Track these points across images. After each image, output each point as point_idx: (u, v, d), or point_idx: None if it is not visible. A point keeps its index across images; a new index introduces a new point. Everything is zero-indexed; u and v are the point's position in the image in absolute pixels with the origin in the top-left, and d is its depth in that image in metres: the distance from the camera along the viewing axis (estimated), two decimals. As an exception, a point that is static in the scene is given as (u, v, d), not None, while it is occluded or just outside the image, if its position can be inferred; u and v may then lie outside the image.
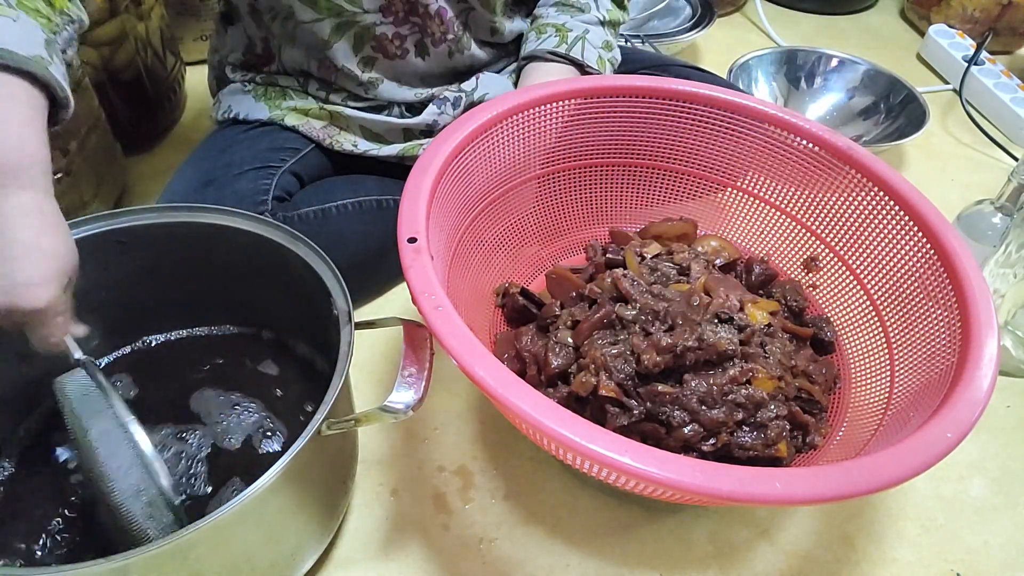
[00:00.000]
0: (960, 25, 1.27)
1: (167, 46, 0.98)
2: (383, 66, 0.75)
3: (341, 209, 0.73)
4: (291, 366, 0.63)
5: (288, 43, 0.75)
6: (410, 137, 0.80)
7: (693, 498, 0.47)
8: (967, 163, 1.06)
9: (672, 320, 0.55)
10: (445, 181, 0.59)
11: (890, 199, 0.63)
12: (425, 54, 0.76)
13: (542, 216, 0.74)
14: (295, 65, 0.76)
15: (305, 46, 0.74)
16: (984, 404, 0.46)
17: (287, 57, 0.76)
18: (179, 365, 0.62)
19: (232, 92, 0.79)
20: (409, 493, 0.62)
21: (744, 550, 0.60)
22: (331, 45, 0.71)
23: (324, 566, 0.57)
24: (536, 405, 0.42)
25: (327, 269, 0.54)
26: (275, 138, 0.75)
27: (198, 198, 0.69)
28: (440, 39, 0.75)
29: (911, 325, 0.59)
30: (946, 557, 0.60)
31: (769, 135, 0.69)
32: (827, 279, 0.70)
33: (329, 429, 0.45)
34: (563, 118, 0.69)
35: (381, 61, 0.75)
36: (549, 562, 0.58)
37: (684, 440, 0.53)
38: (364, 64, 0.74)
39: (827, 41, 1.33)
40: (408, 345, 0.48)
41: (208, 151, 0.74)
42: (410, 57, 0.75)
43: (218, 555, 0.44)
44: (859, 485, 0.41)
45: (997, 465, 0.67)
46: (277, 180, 0.72)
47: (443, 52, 0.76)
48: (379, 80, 0.75)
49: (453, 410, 0.69)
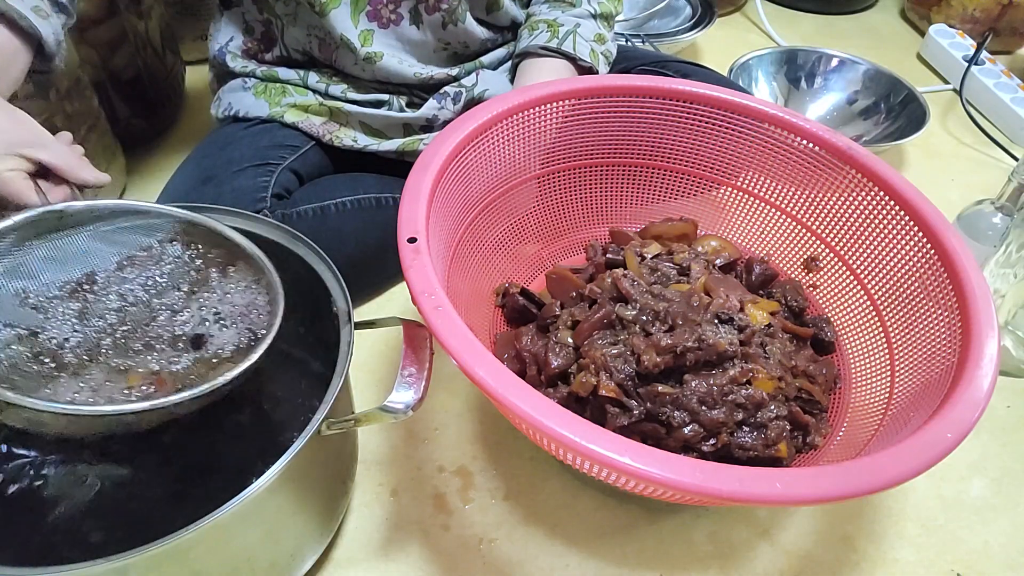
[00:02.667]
0: (960, 25, 1.27)
1: (167, 46, 0.98)
2: (380, 38, 0.76)
3: (340, 207, 0.73)
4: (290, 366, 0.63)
5: (291, 22, 0.75)
6: (410, 132, 0.80)
7: (693, 498, 0.47)
8: (967, 163, 1.06)
9: (672, 320, 0.55)
10: (445, 181, 0.59)
11: (890, 199, 0.63)
12: (419, 22, 0.76)
13: (542, 216, 0.74)
14: (297, 46, 0.77)
15: (306, 24, 0.75)
16: (984, 404, 0.46)
17: (289, 39, 0.76)
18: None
19: (232, 90, 0.79)
20: (409, 493, 0.62)
21: (744, 550, 0.60)
22: (328, 11, 0.72)
23: (324, 566, 0.57)
24: (536, 405, 0.42)
25: (327, 269, 0.54)
26: (275, 135, 0.75)
27: (197, 195, 0.69)
28: (434, 6, 0.75)
29: (911, 325, 0.59)
30: (946, 557, 0.60)
31: (769, 135, 0.69)
32: (827, 279, 0.70)
33: (329, 429, 0.45)
34: (563, 118, 0.69)
35: (377, 33, 0.75)
36: (549, 562, 0.58)
37: (684, 440, 0.53)
38: (363, 38, 0.74)
39: (827, 41, 1.33)
40: (408, 345, 0.48)
41: (209, 148, 0.75)
42: (404, 24, 0.76)
43: (218, 555, 0.44)
44: (859, 485, 0.41)
45: (997, 465, 0.67)
46: (276, 177, 0.72)
47: (437, 21, 0.76)
48: (378, 55, 0.75)
49: (453, 410, 0.69)
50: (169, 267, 0.53)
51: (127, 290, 0.52)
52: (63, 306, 0.50)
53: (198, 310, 0.52)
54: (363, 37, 0.74)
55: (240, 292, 0.53)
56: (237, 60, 0.79)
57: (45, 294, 0.49)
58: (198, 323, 0.52)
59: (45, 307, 0.49)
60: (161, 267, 0.53)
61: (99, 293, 0.51)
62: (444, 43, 0.79)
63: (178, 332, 0.51)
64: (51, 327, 0.48)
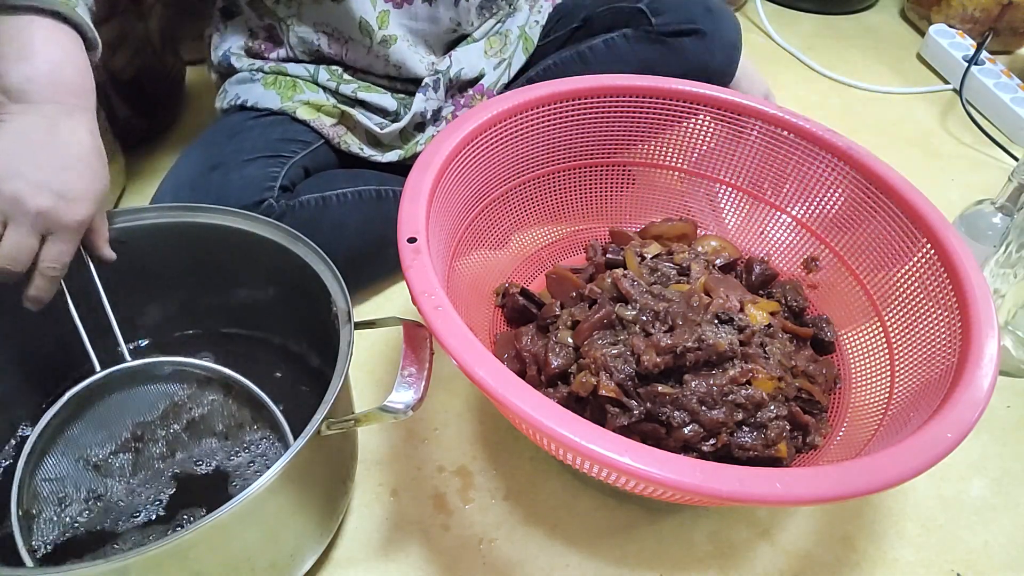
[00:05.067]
0: (960, 25, 1.27)
1: (167, 46, 0.98)
2: (395, 19, 0.75)
3: (341, 198, 0.73)
4: (290, 366, 0.63)
5: (295, 22, 0.75)
6: (408, 138, 0.80)
7: (693, 498, 0.47)
8: (967, 163, 1.06)
9: (672, 320, 0.55)
10: (445, 180, 0.59)
11: (890, 199, 0.63)
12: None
13: (542, 215, 0.74)
14: (302, 47, 0.76)
15: (312, 21, 0.75)
16: (984, 404, 0.46)
17: (294, 39, 0.76)
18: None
19: (240, 80, 0.78)
20: (409, 493, 0.62)
21: (744, 550, 0.60)
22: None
23: (324, 566, 0.57)
24: (536, 405, 0.42)
25: (326, 269, 0.54)
26: (287, 129, 0.75)
27: (204, 181, 0.68)
28: None
29: (911, 325, 0.59)
30: (946, 557, 0.60)
31: (770, 135, 0.69)
32: (827, 279, 0.70)
33: (329, 429, 0.45)
34: (563, 118, 0.69)
35: (392, 13, 0.75)
36: (549, 562, 0.58)
37: (684, 440, 0.53)
38: (380, 19, 0.74)
39: (827, 41, 1.33)
40: (408, 345, 0.48)
41: (216, 136, 0.74)
42: (418, 3, 0.75)
43: (218, 555, 0.44)
44: (859, 485, 0.41)
45: (997, 465, 0.67)
46: (287, 171, 0.71)
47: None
48: (393, 38, 0.75)
49: (453, 410, 0.69)
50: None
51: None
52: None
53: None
54: (380, 18, 0.74)
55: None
56: (243, 60, 0.78)
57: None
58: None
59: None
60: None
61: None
62: (455, 24, 0.79)
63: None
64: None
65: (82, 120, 0.50)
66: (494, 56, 0.82)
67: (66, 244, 0.48)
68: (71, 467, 0.51)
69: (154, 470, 0.54)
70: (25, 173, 0.46)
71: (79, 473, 0.52)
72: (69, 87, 0.49)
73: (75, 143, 0.49)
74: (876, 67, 1.26)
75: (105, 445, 0.53)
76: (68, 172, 0.48)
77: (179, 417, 0.55)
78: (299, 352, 0.64)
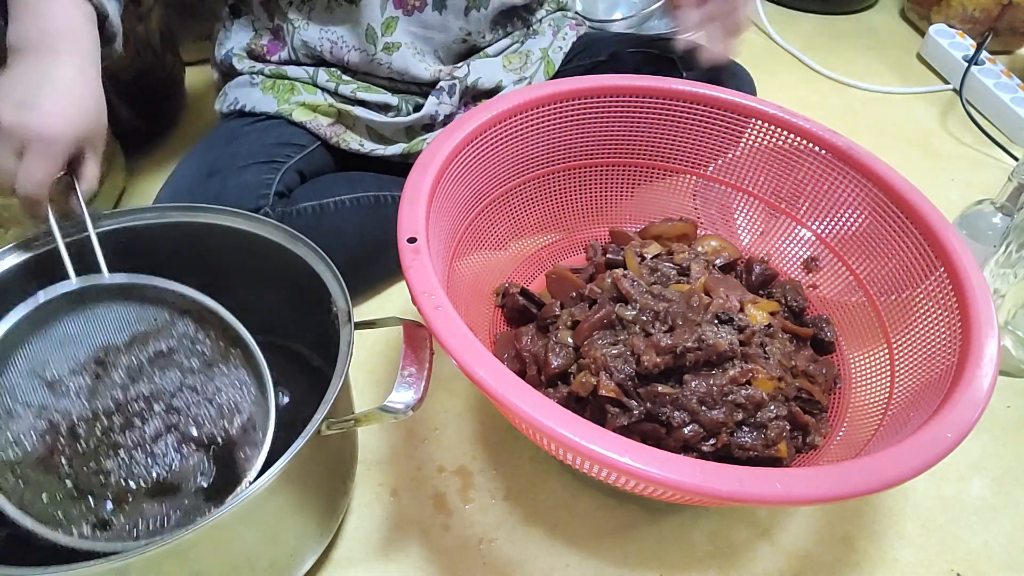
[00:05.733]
0: (960, 25, 1.27)
1: (167, 46, 0.98)
2: (403, 26, 0.75)
3: (339, 205, 0.73)
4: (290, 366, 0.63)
5: (303, 27, 0.75)
6: (413, 135, 0.80)
7: (693, 498, 0.47)
8: (967, 163, 1.06)
9: (672, 320, 0.55)
10: (445, 180, 0.59)
11: (890, 199, 0.63)
12: (443, 7, 0.76)
13: (542, 215, 0.74)
14: (305, 51, 0.76)
15: (319, 27, 0.75)
16: (984, 404, 0.46)
17: (298, 43, 0.76)
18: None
19: (239, 85, 0.79)
20: (409, 493, 0.62)
21: (744, 550, 0.60)
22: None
23: (324, 566, 0.57)
24: (536, 405, 0.42)
25: (326, 269, 0.54)
26: (282, 132, 0.75)
27: (201, 188, 0.69)
28: None
29: (911, 325, 0.59)
30: (946, 557, 0.60)
31: (770, 135, 0.69)
32: (827, 279, 0.70)
33: (329, 429, 0.45)
34: (563, 118, 0.69)
35: (401, 20, 0.75)
36: (549, 563, 0.58)
37: (684, 440, 0.53)
38: (385, 26, 0.74)
39: (827, 41, 1.33)
40: (408, 345, 0.48)
41: (214, 142, 0.74)
42: (428, 11, 0.75)
43: (218, 555, 0.44)
44: (859, 485, 0.41)
45: (997, 465, 0.67)
46: (281, 176, 0.72)
47: (460, 7, 0.76)
48: (395, 45, 0.75)
49: (453, 410, 0.69)
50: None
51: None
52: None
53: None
54: (386, 25, 0.74)
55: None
56: (244, 61, 0.79)
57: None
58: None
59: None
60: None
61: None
62: (465, 33, 0.79)
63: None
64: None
65: (69, 61, 0.50)
66: (513, 71, 0.82)
67: (40, 159, 0.48)
68: (23, 379, 0.48)
69: (112, 399, 0.51)
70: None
71: (31, 387, 0.49)
72: (57, 31, 0.50)
73: (57, 75, 0.49)
74: (876, 67, 1.26)
75: (64, 363, 0.50)
76: (43, 89, 0.48)
77: (146, 346, 0.52)
78: (299, 352, 0.64)
